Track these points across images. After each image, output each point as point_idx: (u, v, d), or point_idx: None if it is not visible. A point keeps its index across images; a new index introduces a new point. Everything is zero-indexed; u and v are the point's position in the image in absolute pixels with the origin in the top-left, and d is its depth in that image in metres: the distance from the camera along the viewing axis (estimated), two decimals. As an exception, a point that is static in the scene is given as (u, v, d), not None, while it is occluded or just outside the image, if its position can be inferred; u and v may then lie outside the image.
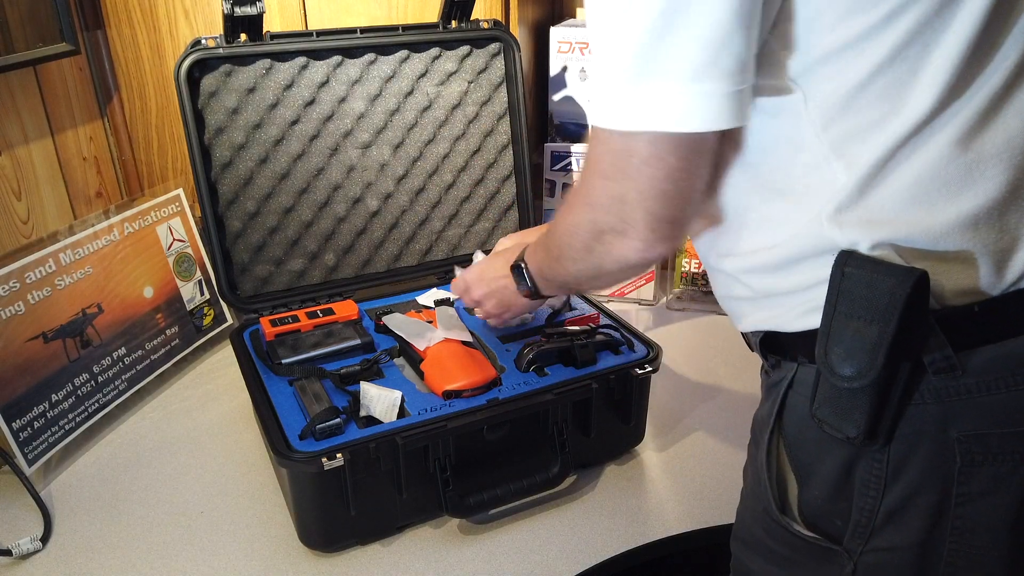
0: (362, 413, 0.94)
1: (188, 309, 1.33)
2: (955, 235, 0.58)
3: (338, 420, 0.90)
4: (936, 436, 0.60)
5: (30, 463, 1.03)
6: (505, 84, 1.31)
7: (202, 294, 1.36)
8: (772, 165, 0.64)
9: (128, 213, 1.25)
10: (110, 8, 1.32)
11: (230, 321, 1.41)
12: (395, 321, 1.12)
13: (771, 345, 0.71)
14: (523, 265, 0.89)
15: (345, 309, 1.16)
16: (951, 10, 0.55)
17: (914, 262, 0.59)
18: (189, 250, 1.35)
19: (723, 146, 0.64)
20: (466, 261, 1.30)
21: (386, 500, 0.93)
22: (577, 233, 0.70)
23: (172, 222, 1.33)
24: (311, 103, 1.19)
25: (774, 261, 0.65)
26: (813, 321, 0.63)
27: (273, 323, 1.10)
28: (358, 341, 1.08)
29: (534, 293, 0.90)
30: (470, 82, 1.29)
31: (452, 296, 1.22)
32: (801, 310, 0.65)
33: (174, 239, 1.32)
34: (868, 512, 0.64)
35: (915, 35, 0.55)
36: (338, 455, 0.86)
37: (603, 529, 0.97)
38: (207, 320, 1.37)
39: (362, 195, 1.25)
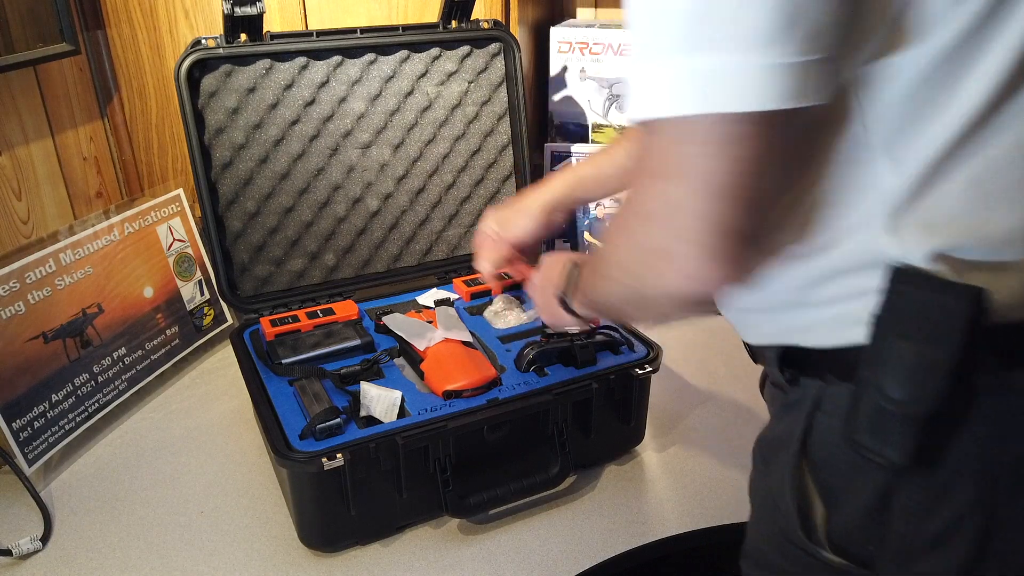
0: (362, 413, 0.94)
1: (188, 309, 1.33)
2: (1016, 243, 0.55)
3: (338, 420, 0.90)
4: (983, 457, 0.57)
5: (30, 463, 1.03)
6: (505, 84, 1.31)
7: (202, 294, 1.36)
8: (812, 158, 0.57)
9: (128, 213, 1.25)
10: (110, 8, 1.32)
11: (230, 321, 1.41)
12: (395, 321, 1.12)
13: (791, 361, 0.65)
14: (575, 271, 0.81)
15: (345, 309, 1.16)
16: (1009, 8, 0.51)
17: (969, 275, 0.54)
18: (189, 250, 1.35)
19: None
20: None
21: (386, 500, 0.93)
22: (618, 250, 0.61)
23: (172, 222, 1.33)
24: (311, 103, 1.19)
25: (811, 270, 0.60)
26: (850, 337, 0.58)
27: (273, 323, 1.10)
28: (358, 341, 1.08)
29: (564, 302, 0.83)
30: (470, 82, 1.29)
31: (452, 297, 1.23)
32: (837, 325, 0.60)
33: (174, 239, 1.32)
34: (910, 538, 0.59)
35: (973, 29, 0.51)
36: (338, 455, 0.86)
37: (603, 529, 0.97)
38: (207, 320, 1.37)
39: (362, 195, 1.25)
